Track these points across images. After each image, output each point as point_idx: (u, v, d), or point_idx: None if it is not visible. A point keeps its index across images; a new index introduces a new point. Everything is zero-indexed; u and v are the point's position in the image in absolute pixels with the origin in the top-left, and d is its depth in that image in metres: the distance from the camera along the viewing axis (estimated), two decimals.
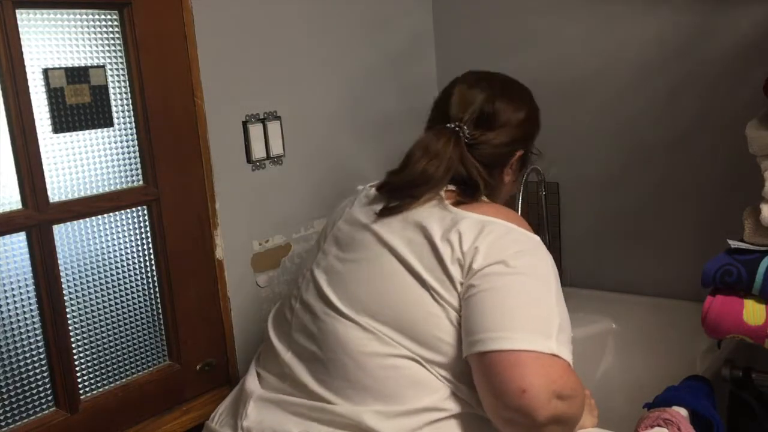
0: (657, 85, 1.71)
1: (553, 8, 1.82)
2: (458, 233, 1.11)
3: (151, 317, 1.42)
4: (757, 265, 1.28)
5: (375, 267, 1.16)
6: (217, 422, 1.23)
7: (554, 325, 1.04)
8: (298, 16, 1.64)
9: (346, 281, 1.18)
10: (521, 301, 1.06)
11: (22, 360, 1.24)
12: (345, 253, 1.21)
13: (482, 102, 1.25)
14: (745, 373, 1.45)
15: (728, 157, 1.63)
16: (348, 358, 1.11)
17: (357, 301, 1.14)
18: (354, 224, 1.24)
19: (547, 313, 1.06)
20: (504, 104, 1.26)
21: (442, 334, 1.09)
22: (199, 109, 1.43)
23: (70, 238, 1.29)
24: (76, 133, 1.29)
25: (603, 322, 1.78)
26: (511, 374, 0.99)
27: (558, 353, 1.02)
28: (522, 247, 1.11)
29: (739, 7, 1.57)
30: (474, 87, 1.27)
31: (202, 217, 1.46)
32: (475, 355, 1.04)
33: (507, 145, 1.26)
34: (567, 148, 1.86)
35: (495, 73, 1.34)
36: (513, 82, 1.33)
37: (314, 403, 1.12)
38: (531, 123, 1.32)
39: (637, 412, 1.28)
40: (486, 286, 1.07)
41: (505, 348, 1.01)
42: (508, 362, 1.00)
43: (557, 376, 1.01)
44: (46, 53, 1.24)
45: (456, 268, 1.10)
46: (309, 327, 1.19)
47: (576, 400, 1.04)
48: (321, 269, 1.22)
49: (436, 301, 1.10)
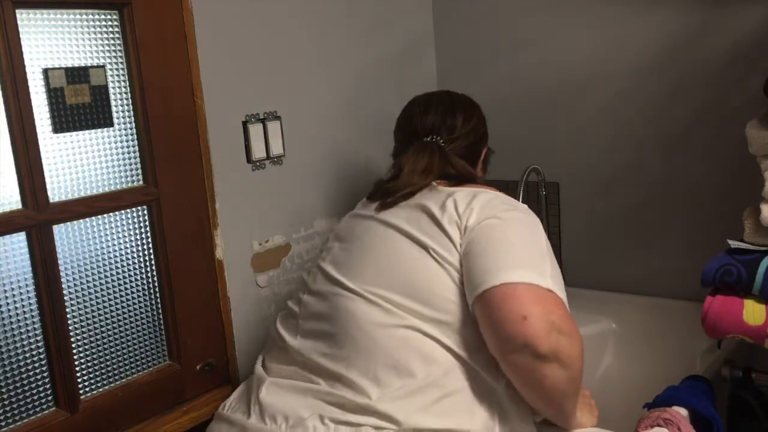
0: (657, 85, 1.71)
1: (553, 8, 1.82)
2: (453, 200, 1.23)
3: (151, 317, 1.42)
4: (757, 265, 1.28)
5: (377, 242, 1.26)
6: (229, 408, 1.26)
7: (546, 267, 1.13)
8: (298, 16, 1.64)
9: (351, 261, 1.26)
10: (514, 243, 1.16)
11: (22, 360, 1.24)
12: (348, 243, 1.31)
13: (442, 115, 1.42)
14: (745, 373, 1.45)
15: (728, 157, 1.63)
16: (357, 330, 1.16)
17: (362, 276, 1.21)
18: (355, 218, 1.35)
19: (539, 256, 1.16)
20: (459, 113, 1.43)
21: (446, 293, 1.16)
22: (199, 109, 1.43)
23: (70, 238, 1.29)
24: (76, 133, 1.29)
25: (603, 322, 1.78)
26: (511, 304, 1.06)
27: (553, 289, 1.10)
28: (512, 206, 1.24)
29: (739, 6, 1.57)
30: (430, 105, 1.44)
31: (202, 217, 1.46)
32: (478, 298, 1.10)
33: (474, 144, 1.43)
34: (567, 148, 1.86)
35: (437, 92, 1.50)
36: (456, 95, 1.49)
37: (326, 388, 1.14)
38: (483, 123, 1.48)
39: (637, 412, 1.28)
40: (481, 237, 1.17)
41: (503, 281, 1.08)
42: (506, 294, 1.07)
43: (555, 307, 1.08)
44: (46, 53, 1.24)
45: (454, 229, 1.19)
46: (319, 310, 1.24)
47: (575, 341, 1.09)
48: (327, 261, 1.30)
49: (438, 263, 1.18)
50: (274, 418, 1.14)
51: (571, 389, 1.12)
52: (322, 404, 1.13)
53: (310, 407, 1.13)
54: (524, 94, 1.90)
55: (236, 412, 1.22)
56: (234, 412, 1.23)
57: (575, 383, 1.11)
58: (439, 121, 1.41)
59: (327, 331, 1.21)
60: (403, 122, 1.48)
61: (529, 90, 1.89)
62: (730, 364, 1.47)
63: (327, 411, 1.11)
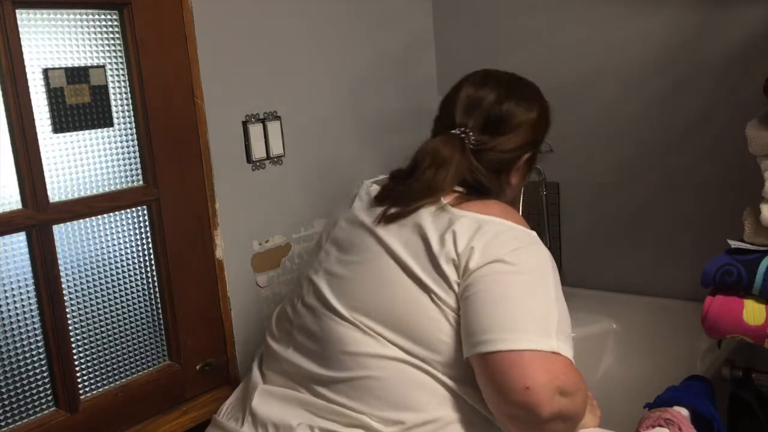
0: (657, 85, 1.71)
1: (553, 8, 1.82)
2: (453, 233, 1.10)
3: (151, 317, 1.42)
4: (757, 265, 1.28)
5: (374, 270, 1.16)
6: (224, 415, 1.24)
7: (553, 323, 1.05)
8: (298, 16, 1.64)
9: (345, 284, 1.18)
10: (520, 299, 1.06)
11: (22, 360, 1.24)
12: (345, 256, 1.22)
13: (489, 105, 1.21)
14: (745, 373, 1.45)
15: (728, 157, 1.63)
16: (349, 358, 1.12)
17: (356, 304, 1.15)
18: (354, 224, 1.24)
19: (546, 310, 1.07)
20: (513, 105, 1.22)
21: (440, 334, 1.09)
22: (199, 109, 1.43)
23: (70, 238, 1.29)
24: (76, 133, 1.29)
25: (603, 322, 1.78)
26: (515, 373, 1.00)
27: (558, 351, 1.03)
28: (519, 244, 1.10)
29: (740, 6, 1.57)
30: (481, 88, 1.24)
31: (202, 217, 1.46)
32: (477, 356, 1.05)
33: (516, 150, 1.23)
34: (567, 148, 1.86)
35: (504, 73, 1.29)
36: (521, 81, 1.29)
37: (316, 400, 1.13)
38: (542, 123, 1.28)
39: (637, 412, 1.28)
40: (484, 286, 1.06)
41: (507, 348, 1.02)
42: (511, 361, 1.01)
43: (560, 372, 1.02)
44: (46, 53, 1.24)
45: (451, 269, 1.09)
46: (310, 327, 1.20)
47: (578, 397, 1.05)
48: (322, 272, 1.22)
49: (434, 303, 1.10)
50: (266, 428, 1.13)
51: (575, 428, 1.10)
52: (310, 415, 1.11)
53: (300, 416, 1.12)
54: None
55: (230, 420, 1.21)
56: (228, 419, 1.22)
57: (576, 426, 1.09)
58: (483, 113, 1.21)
59: (318, 354, 1.16)
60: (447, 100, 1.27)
61: None
62: (730, 364, 1.47)
63: (317, 421, 1.10)
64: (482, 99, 1.22)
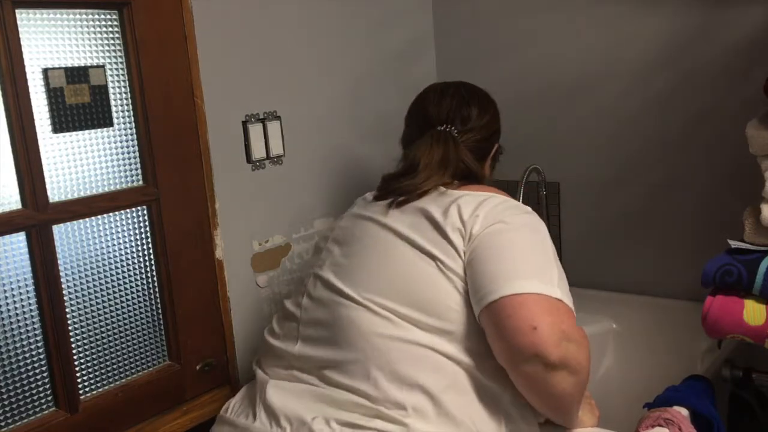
0: (657, 85, 1.71)
1: (554, 8, 1.82)
2: (457, 206, 1.20)
3: (151, 317, 1.42)
4: (758, 265, 1.28)
5: (379, 249, 1.23)
6: (232, 412, 1.25)
7: (555, 277, 1.12)
8: (298, 16, 1.64)
9: (352, 269, 1.23)
10: (521, 251, 1.14)
11: (22, 360, 1.24)
12: (348, 248, 1.27)
13: (458, 105, 1.37)
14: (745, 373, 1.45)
15: (728, 157, 1.63)
16: (361, 339, 1.15)
17: (365, 285, 1.19)
18: (355, 218, 1.31)
19: (546, 263, 1.14)
20: (475, 105, 1.38)
21: (450, 302, 1.14)
22: (199, 109, 1.43)
23: (69, 238, 1.29)
24: (75, 133, 1.29)
25: (603, 322, 1.78)
26: (521, 314, 1.05)
27: (562, 298, 1.09)
28: (518, 211, 1.22)
29: (739, 7, 1.57)
30: (446, 93, 1.40)
31: (202, 217, 1.46)
32: (485, 309, 1.09)
33: (486, 140, 1.39)
34: (567, 148, 1.86)
35: (455, 82, 1.45)
36: (473, 87, 1.44)
37: (329, 391, 1.14)
38: (497, 119, 1.44)
39: (637, 412, 1.28)
40: (486, 243, 1.14)
41: (512, 292, 1.06)
42: (517, 304, 1.06)
43: (565, 317, 1.08)
44: (46, 53, 1.24)
45: (457, 237, 1.17)
46: (320, 317, 1.22)
47: (584, 348, 1.09)
48: (327, 266, 1.27)
49: (442, 271, 1.16)
50: (278, 422, 1.14)
51: (579, 393, 1.12)
52: (325, 407, 1.12)
53: (314, 410, 1.12)
54: (525, 94, 1.90)
55: (240, 416, 1.22)
56: (237, 415, 1.23)
57: (582, 387, 1.12)
58: (454, 110, 1.36)
59: (329, 339, 1.19)
60: (417, 108, 1.43)
61: (530, 90, 1.89)
62: (730, 364, 1.47)
63: (331, 413, 1.11)
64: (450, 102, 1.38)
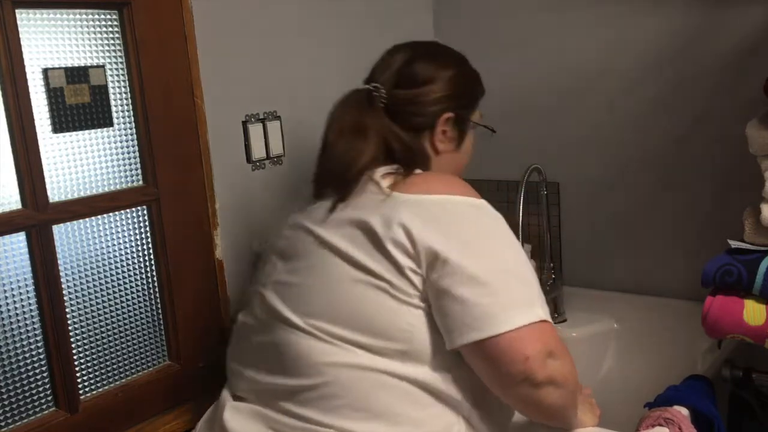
0: (657, 85, 1.71)
1: (554, 8, 1.82)
2: (400, 224, 1.06)
3: (151, 317, 1.42)
4: (758, 265, 1.28)
5: (323, 272, 1.12)
6: None
7: (534, 290, 1.09)
8: (298, 16, 1.64)
9: (295, 291, 1.15)
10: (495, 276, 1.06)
11: (22, 360, 1.24)
12: (291, 263, 1.18)
13: (401, 63, 1.20)
14: (745, 373, 1.45)
15: (728, 157, 1.63)
16: (308, 367, 1.09)
17: (308, 309, 1.11)
18: (296, 229, 1.21)
19: (523, 279, 1.09)
20: (425, 64, 1.20)
21: (401, 323, 1.07)
22: (199, 109, 1.43)
23: (69, 238, 1.29)
24: (75, 133, 1.29)
25: (604, 321, 1.78)
26: (515, 347, 1.04)
27: (545, 318, 1.07)
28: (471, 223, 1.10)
29: (739, 7, 1.57)
30: (396, 53, 1.24)
31: (202, 217, 1.46)
32: (472, 345, 1.05)
33: (429, 104, 1.20)
34: (567, 147, 1.86)
35: (426, 41, 1.28)
36: (442, 46, 1.27)
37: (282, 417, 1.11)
38: (461, 83, 1.25)
39: (638, 412, 1.28)
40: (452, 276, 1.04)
41: (503, 331, 1.04)
42: (511, 340, 1.04)
43: (549, 337, 1.07)
44: (45, 53, 1.24)
45: (402, 255, 1.06)
46: (265, 341, 1.17)
47: (567, 360, 1.09)
48: (270, 284, 1.19)
49: (387, 292, 1.07)
50: None
51: (570, 402, 1.12)
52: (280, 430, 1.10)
53: None
54: (525, 94, 1.90)
55: None
56: None
57: (572, 395, 1.11)
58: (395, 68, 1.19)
59: (276, 365, 1.13)
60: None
61: (530, 90, 1.89)
62: (730, 364, 1.47)
63: None
64: (394, 60, 1.22)
